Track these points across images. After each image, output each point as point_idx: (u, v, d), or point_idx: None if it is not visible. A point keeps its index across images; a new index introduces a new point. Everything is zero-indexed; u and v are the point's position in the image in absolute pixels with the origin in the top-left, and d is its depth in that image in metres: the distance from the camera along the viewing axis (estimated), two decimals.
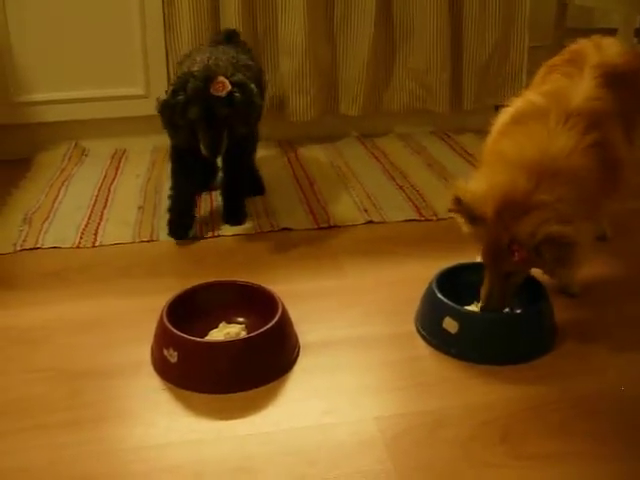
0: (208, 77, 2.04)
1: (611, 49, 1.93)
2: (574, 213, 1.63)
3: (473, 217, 1.67)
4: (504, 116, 1.88)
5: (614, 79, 1.83)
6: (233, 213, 2.40)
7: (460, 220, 1.72)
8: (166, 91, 2.12)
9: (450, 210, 1.71)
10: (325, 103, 3.15)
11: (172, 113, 2.08)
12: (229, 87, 2.03)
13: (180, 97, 2.05)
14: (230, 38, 2.53)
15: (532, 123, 1.75)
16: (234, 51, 2.32)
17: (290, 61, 3.02)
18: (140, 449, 1.45)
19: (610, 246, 2.24)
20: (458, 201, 1.66)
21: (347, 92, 3.14)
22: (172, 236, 2.29)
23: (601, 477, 1.38)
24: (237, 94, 2.06)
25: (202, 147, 2.09)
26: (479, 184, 1.69)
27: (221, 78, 2.03)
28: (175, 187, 2.28)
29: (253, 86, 2.14)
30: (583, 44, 1.96)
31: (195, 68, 2.08)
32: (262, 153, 2.75)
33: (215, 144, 2.08)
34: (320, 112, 3.12)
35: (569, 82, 1.83)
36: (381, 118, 3.26)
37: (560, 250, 1.59)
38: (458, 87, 3.24)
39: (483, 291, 1.75)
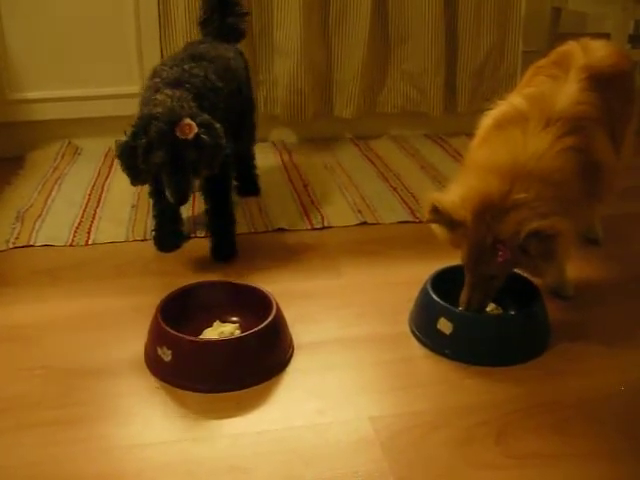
0: (173, 119, 1.87)
1: (598, 51, 1.92)
2: (551, 210, 1.63)
3: (452, 223, 1.67)
4: (487, 120, 1.87)
5: (600, 81, 1.82)
6: (221, 247, 2.19)
7: (438, 229, 1.73)
8: (125, 132, 1.95)
9: (428, 220, 1.71)
10: (319, 105, 3.16)
11: (133, 157, 1.91)
12: (196, 129, 1.88)
13: (142, 140, 1.88)
14: (208, 35, 2.42)
15: (512, 128, 1.74)
16: (204, 72, 2.11)
17: (285, 62, 3.02)
18: (133, 447, 1.44)
19: (603, 250, 2.25)
20: (435, 210, 1.66)
21: (342, 94, 3.15)
22: (160, 249, 2.20)
23: (596, 477, 1.39)
24: (204, 136, 1.90)
25: (168, 193, 1.93)
26: (454, 191, 1.70)
27: (187, 120, 1.87)
28: (157, 206, 2.16)
29: (218, 126, 1.97)
30: (570, 46, 1.95)
31: (158, 109, 1.89)
32: (256, 154, 2.74)
33: (183, 190, 1.92)
34: (314, 114, 3.12)
35: (554, 85, 1.82)
36: (375, 120, 3.27)
37: (545, 243, 1.59)
38: (452, 90, 3.26)
39: (463, 295, 1.75)
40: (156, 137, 1.87)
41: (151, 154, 1.89)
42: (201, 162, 1.94)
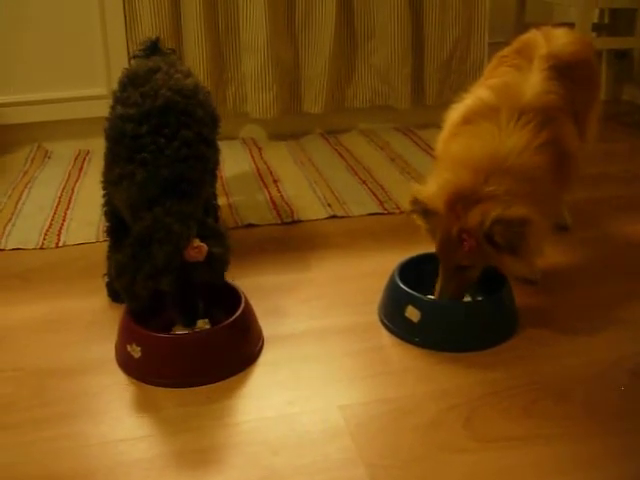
0: (181, 245, 1.61)
1: (560, 39, 1.94)
2: (521, 203, 1.64)
3: (427, 212, 1.71)
4: (454, 114, 1.88)
5: (563, 69, 1.84)
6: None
7: (418, 220, 1.77)
8: (106, 242, 1.80)
9: (409, 210, 1.76)
10: (288, 101, 3.17)
11: (132, 282, 1.64)
12: (206, 249, 1.64)
13: (145, 266, 1.62)
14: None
15: (483, 122, 1.76)
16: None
17: (252, 59, 3.03)
18: (105, 444, 1.44)
19: (569, 235, 2.28)
20: (415, 201, 1.71)
21: (310, 89, 3.16)
22: (115, 299, 1.94)
23: (564, 458, 1.40)
24: (215, 250, 1.67)
25: (177, 315, 1.71)
26: (432, 184, 1.74)
27: (197, 243, 1.62)
28: (115, 248, 1.85)
29: (222, 228, 1.78)
30: (532, 34, 1.97)
31: (160, 234, 1.62)
32: (226, 151, 2.74)
33: (195, 311, 1.70)
34: (283, 110, 3.13)
35: (519, 75, 1.84)
36: (344, 115, 3.29)
37: (510, 232, 1.61)
38: (420, 83, 3.28)
39: (437, 285, 1.77)
40: (163, 264, 1.62)
41: (156, 280, 1.64)
42: (213, 279, 1.73)
